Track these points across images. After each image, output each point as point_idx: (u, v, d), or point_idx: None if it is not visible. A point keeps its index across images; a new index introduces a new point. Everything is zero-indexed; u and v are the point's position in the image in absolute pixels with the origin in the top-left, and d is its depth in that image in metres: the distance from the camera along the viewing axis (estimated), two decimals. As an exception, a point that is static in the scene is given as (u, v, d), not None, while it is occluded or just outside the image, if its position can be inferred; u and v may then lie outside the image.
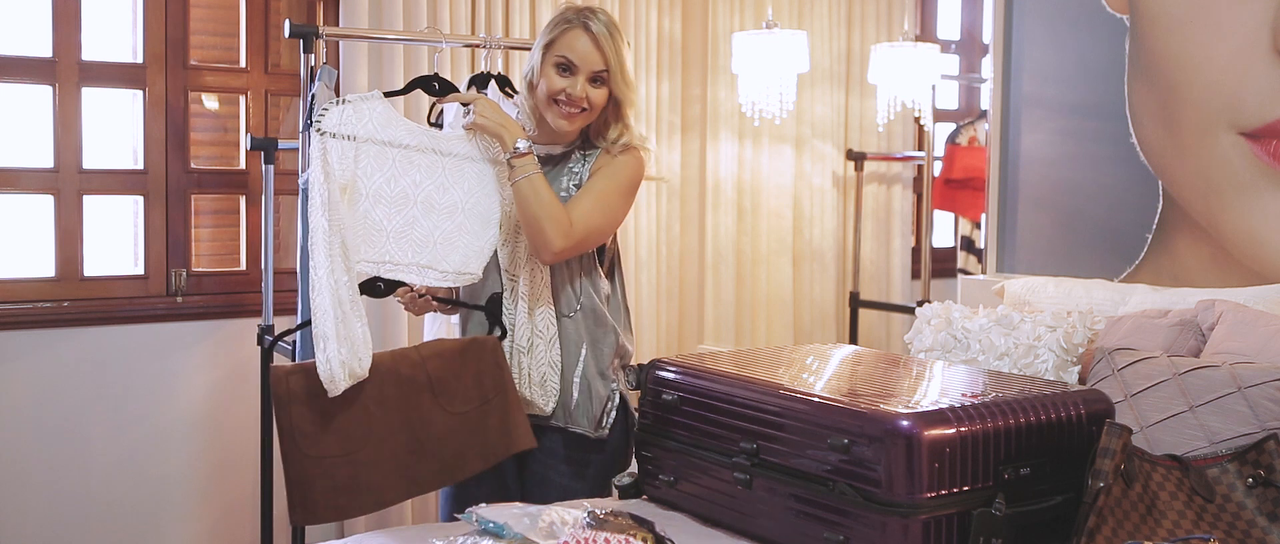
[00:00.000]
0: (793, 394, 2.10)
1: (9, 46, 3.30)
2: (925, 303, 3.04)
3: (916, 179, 4.60)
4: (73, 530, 3.33)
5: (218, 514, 3.54)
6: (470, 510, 1.97)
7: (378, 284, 2.44)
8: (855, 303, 4.51)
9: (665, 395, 2.34)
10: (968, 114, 4.91)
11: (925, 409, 1.94)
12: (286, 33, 2.92)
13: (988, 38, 3.74)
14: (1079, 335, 2.69)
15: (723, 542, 2.17)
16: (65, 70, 3.31)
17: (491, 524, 1.92)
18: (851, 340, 4.49)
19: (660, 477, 2.35)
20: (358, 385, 2.31)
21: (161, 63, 3.44)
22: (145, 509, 3.43)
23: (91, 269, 3.38)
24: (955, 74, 4.90)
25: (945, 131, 4.84)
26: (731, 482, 2.16)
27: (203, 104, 3.63)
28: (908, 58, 4.13)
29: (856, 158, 4.49)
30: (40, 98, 3.31)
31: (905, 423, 1.90)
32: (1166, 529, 1.94)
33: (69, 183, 3.33)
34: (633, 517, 1.97)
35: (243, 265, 3.60)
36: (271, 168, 3.27)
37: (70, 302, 3.33)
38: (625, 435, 2.58)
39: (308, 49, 2.93)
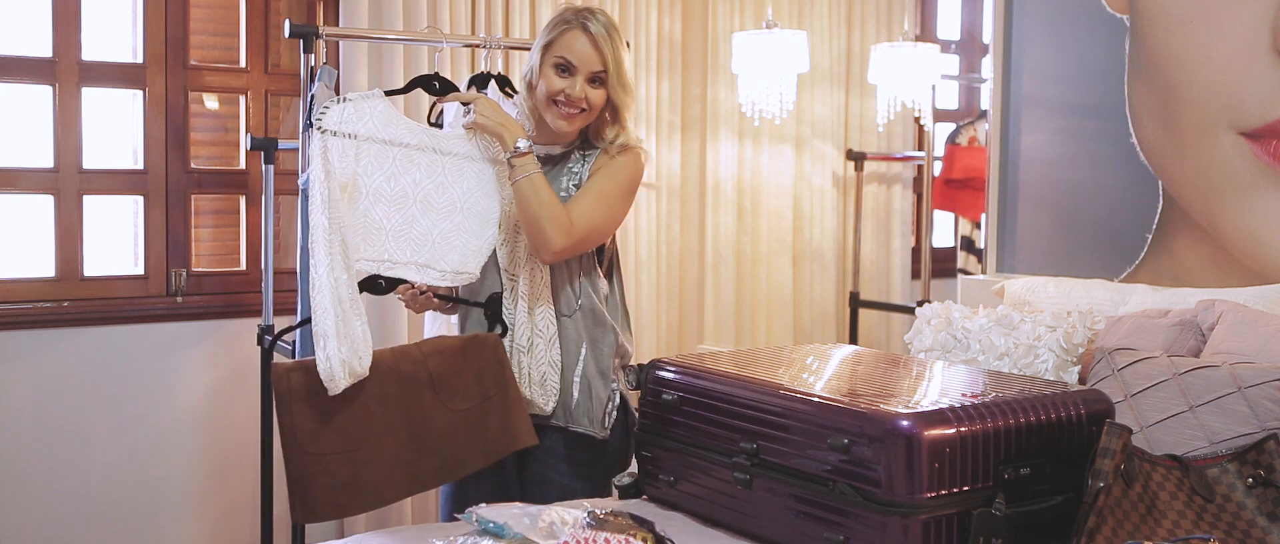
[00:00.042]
0: (793, 394, 2.10)
1: (9, 46, 3.30)
2: (925, 303, 3.04)
3: (916, 179, 4.60)
4: (73, 530, 3.33)
5: (218, 514, 3.54)
6: (470, 510, 1.97)
7: (379, 281, 2.44)
8: (855, 303, 4.51)
9: (665, 395, 2.34)
10: (968, 114, 4.91)
11: (925, 409, 1.94)
12: (286, 33, 2.92)
13: (988, 38, 3.74)
14: (1079, 335, 2.69)
15: (723, 542, 2.17)
16: (65, 70, 3.31)
17: (491, 524, 1.92)
18: (851, 340, 4.49)
19: (660, 477, 2.35)
20: (359, 383, 2.31)
21: (161, 63, 3.44)
22: (145, 509, 3.43)
23: (91, 269, 3.38)
24: (955, 74, 4.90)
25: (945, 131, 4.84)
26: (731, 482, 2.16)
27: (203, 104, 3.63)
28: (908, 58, 4.12)
29: (856, 158, 4.49)
30: (40, 98, 3.31)
31: (905, 423, 1.90)
32: (1166, 529, 1.94)
33: (69, 183, 3.33)
34: (633, 517, 1.97)
35: (243, 265, 3.60)
36: (271, 168, 3.27)
37: (70, 302, 3.33)
38: (625, 435, 2.58)
39: (308, 49, 2.93)
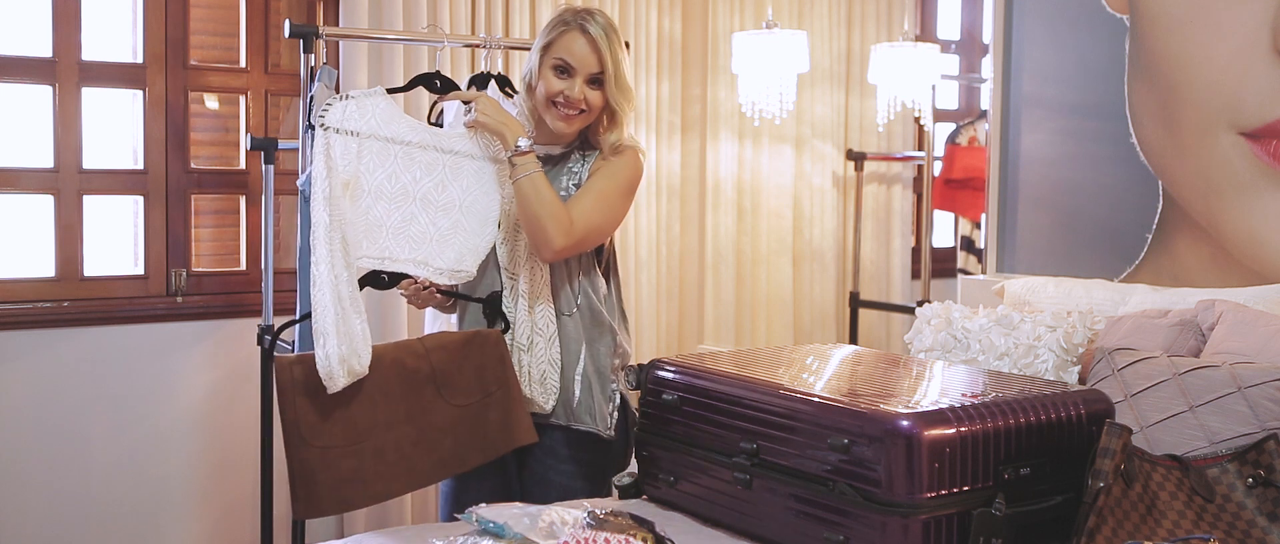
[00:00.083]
0: (793, 394, 2.10)
1: (9, 46, 3.30)
2: (925, 303, 3.04)
3: (916, 179, 4.60)
4: (73, 530, 3.33)
5: (218, 514, 3.54)
6: (470, 510, 1.97)
7: (381, 276, 2.44)
8: (855, 303, 4.51)
9: (665, 395, 2.34)
10: (968, 114, 4.91)
11: (925, 409, 1.94)
12: (286, 33, 2.92)
13: (988, 38, 3.74)
14: (1079, 335, 2.69)
15: (723, 542, 2.17)
16: (65, 70, 3.31)
17: (491, 524, 1.92)
18: (851, 340, 4.49)
19: (660, 477, 2.34)
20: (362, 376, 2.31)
21: (161, 63, 3.44)
22: (145, 509, 3.43)
23: (91, 269, 3.38)
24: (955, 74, 4.90)
25: (945, 131, 4.84)
26: (731, 482, 2.16)
27: (203, 104, 3.63)
28: (908, 58, 4.12)
29: (856, 158, 4.49)
30: (40, 98, 3.31)
31: (905, 423, 1.90)
32: (1166, 529, 1.94)
33: (69, 183, 3.33)
34: (633, 517, 1.97)
35: (243, 265, 3.60)
36: (271, 168, 3.27)
37: (70, 302, 3.33)
38: (625, 435, 2.58)
39: (308, 49, 2.93)
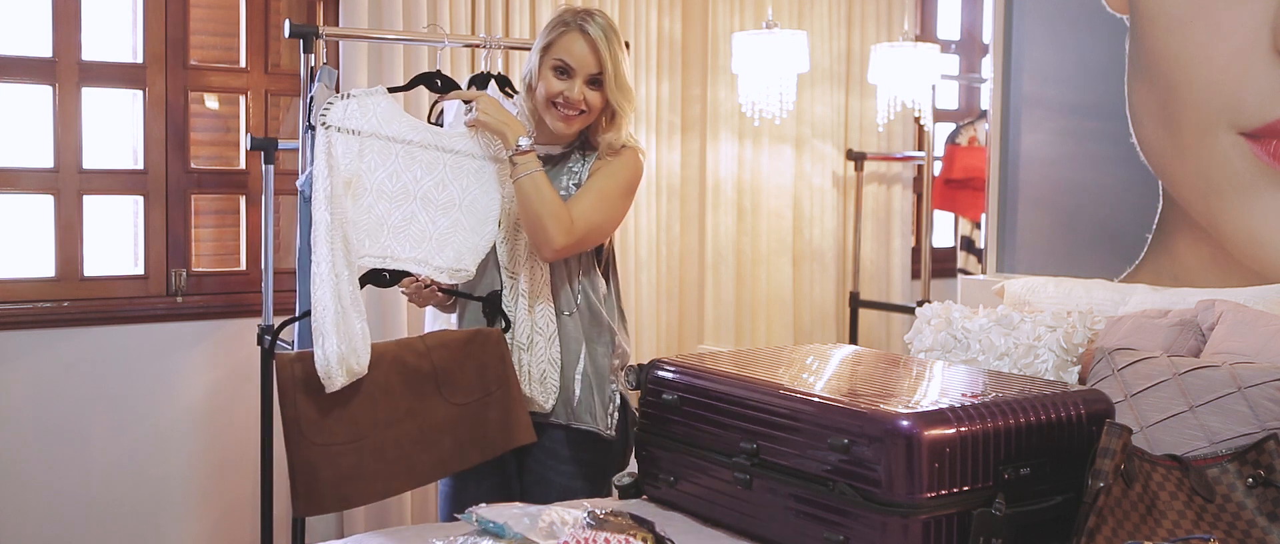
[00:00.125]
0: (793, 394, 2.10)
1: (9, 46, 3.30)
2: (925, 303, 3.04)
3: (916, 179, 4.60)
4: (73, 530, 3.33)
5: (218, 514, 3.54)
6: (470, 510, 1.97)
7: (383, 275, 2.44)
8: (855, 303, 4.51)
9: (665, 395, 2.34)
10: (968, 114, 4.91)
11: (925, 409, 1.94)
12: (286, 33, 2.92)
13: (988, 38, 3.74)
14: (1079, 335, 2.69)
15: (723, 542, 2.17)
16: (65, 70, 3.31)
17: (491, 524, 1.92)
18: (851, 340, 4.49)
19: (660, 477, 2.34)
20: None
21: (161, 63, 3.44)
22: (145, 509, 3.43)
23: (91, 269, 3.38)
24: (955, 74, 4.90)
25: (945, 131, 4.84)
26: (731, 482, 2.16)
27: (203, 104, 3.63)
28: (908, 58, 4.12)
29: (856, 158, 4.49)
30: (40, 98, 3.31)
31: (905, 423, 1.90)
32: (1166, 529, 1.94)
33: (69, 183, 3.33)
34: (633, 517, 1.97)
35: (243, 265, 3.60)
36: (271, 168, 3.27)
37: (70, 302, 3.33)
38: (625, 435, 2.58)
39: (308, 49, 2.94)
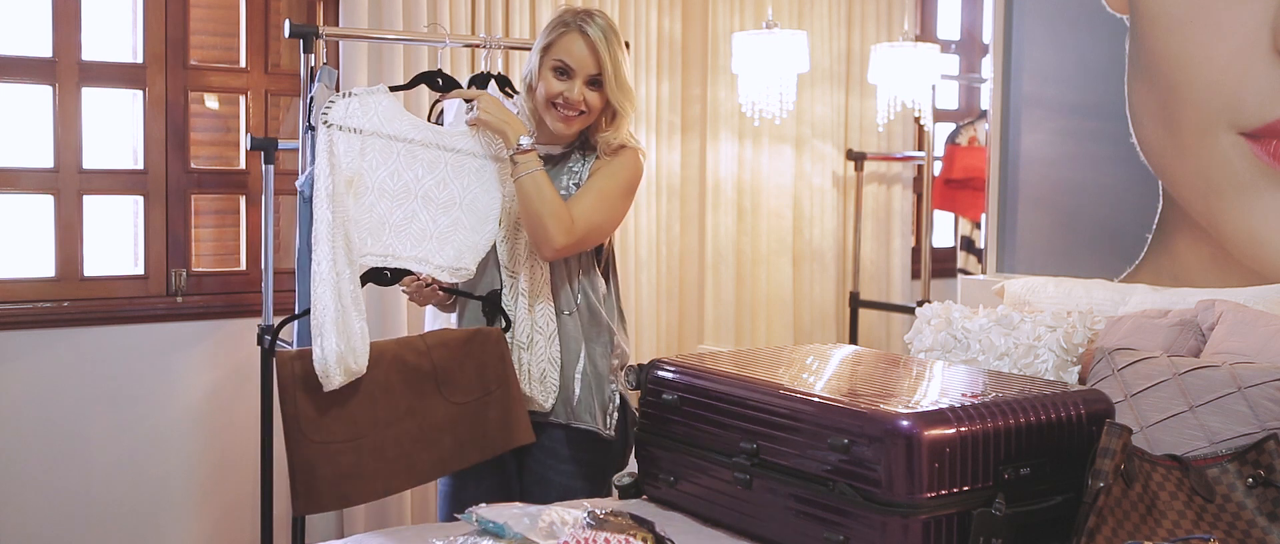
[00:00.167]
0: (793, 394, 2.10)
1: (9, 46, 3.30)
2: (925, 303, 3.04)
3: (916, 179, 4.60)
4: (73, 530, 3.33)
5: (218, 514, 3.55)
6: (470, 510, 1.97)
7: (384, 273, 2.44)
8: (855, 303, 4.51)
9: (665, 395, 2.34)
10: (968, 114, 4.91)
11: (925, 409, 1.94)
12: (286, 33, 2.92)
13: (988, 38, 3.74)
14: (1079, 335, 2.69)
15: (723, 542, 2.17)
16: (65, 70, 3.31)
17: (491, 524, 1.92)
18: (851, 340, 4.49)
19: (660, 477, 2.35)
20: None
21: (161, 63, 3.44)
22: (145, 509, 3.43)
23: (91, 269, 3.38)
24: (955, 74, 4.90)
25: (945, 131, 4.84)
26: (731, 482, 2.16)
27: (203, 104, 3.63)
28: (908, 58, 4.12)
29: (856, 158, 4.49)
30: (40, 98, 3.31)
31: (905, 423, 1.90)
32: (1166, 529, 1.94)
33: (69, 183, 3.33)
34: (633, 517, 1.97)
35: (243, 265, 3.60)
36: (271, 168, 3.27)
37: (70, 302, 3.33)
38: (625, 435, 2.58)
39: (308, 49, 2.94)
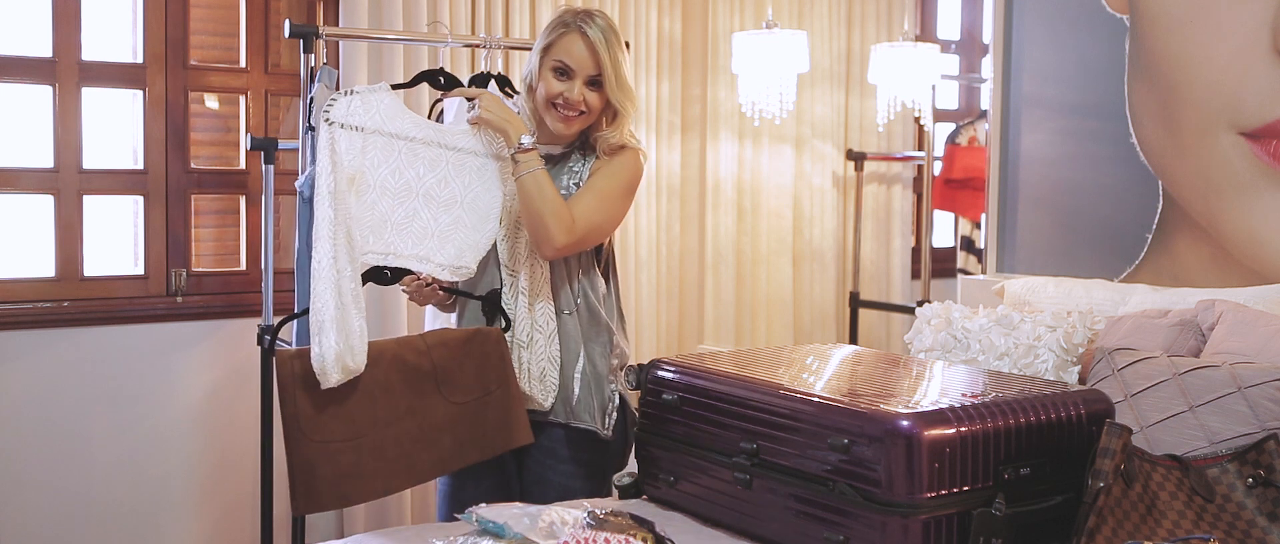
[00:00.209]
0: (793, 394, 2.10)
1: (9, 46, 3.30)
2: (925, 303, 3.04)
3: (916, 179, 4.60)
4: (73, 530, 3.33)
5: (218, 514, 3.55)
6: (470, 510, 1.97)
7: (384, 272, 2.44)
8: (855, 303, 4.51)
9: (665, 395, 2.34)
10: (968, 114, 4.91)
11: (925, 409, 1.94)
12: (286, 33, 2.92)
13: (988, 38, 3.74)
14: (1079, 335, 2.69)
15: (723, 542, 2.17)
16: (65, 70, 3.31)
17: (491, 524, 1.92)
18: (851, 340, 4.49)
19: (660, 477, 2.35)
20: (363, 370, 2.31)
21: (161, 63, 3.44)
22: (145, 509, 3.43)
23: (91, 269, 3.38)
24: (955, 74, 4.90)
25: (945, 131, 4.84)
26: (731, 482, 2.16)
27: (203, 104, 3.63)
28: (908, 58, 4.12)
29: (856, 158, 4.49)
30: (40, 98, 3.31)
31: (905, 423, 1.90)
32: (1166, 529, 1.94)
33: (69, 183, 3.33)
34: (633, 517, 1.97)
35: (243, 265, 3.60)
36: (271, 168, 3.27)
37: (70, 302, 3.33)
38: (625, 435, 2.58)
39: (308, 49, 2.94)
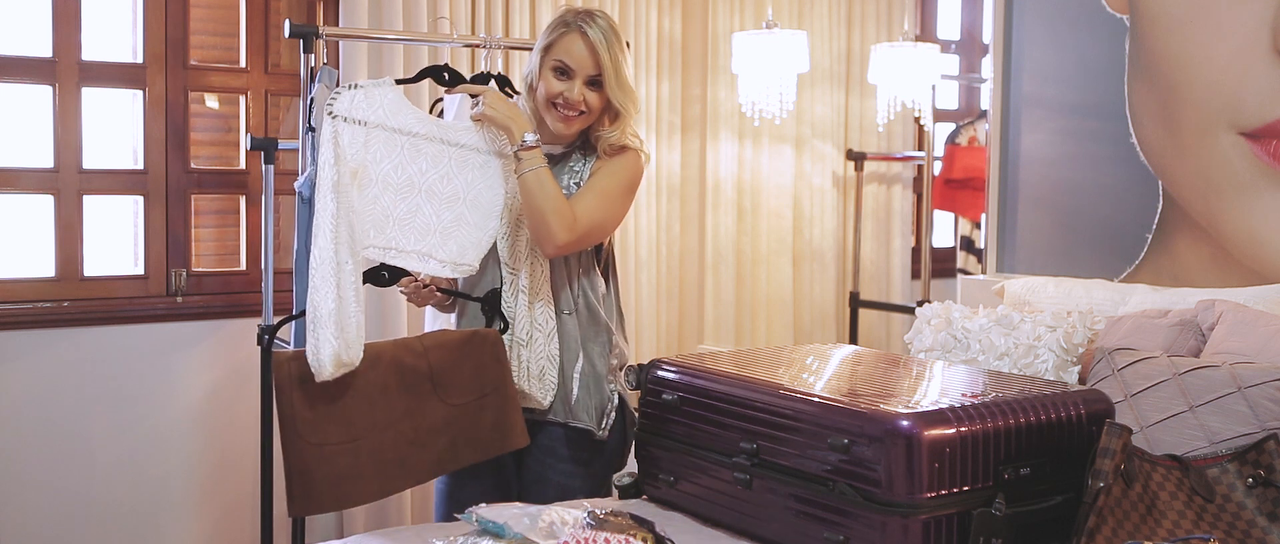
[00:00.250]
0: (793, 394, 2.10)
1: (9, 46, 3.30)
2: (925, 303, 3.04)
3: (916, 179, 4.60)
4: (73, 530, 3.33)
5: (218, 514, 3.54)
6: (470, 510, 1.98)
7: (382, 273, 2.44)
8: (855, 303, 4.51)
9: (665, 395, 2.34)
10: (968, 114, 4.91)
11: (925, 409, 1.94)
12: (286, 33, 2.92)
13: (988, 38, 3.74)
14: (1079, 335, 2.69)
15: (723, 542, 2.17)
16: (65, 70, 3.31)
17: (491, 524, 1.92)
18: (851, 340, 4.49)
19: (660, 477, 2.35)
20: (361, 373, 2.31)
21: (161, 63, 3.44)
22: (145, 509, 3.43)
23: (91, 269, 3.38)
24: (955, 74, 4.90)
25: (945, 131, 4.84)
26: (731, 482, 2.16)
27: (203, 104, 3.63)
28: (908, 58, 4.12)
29: (856, 158, 4.49)
30: (40, 98, 3.31)
31: (905, 423, 1.90)
32: (1166, 529, 1.94)
33: (69, 183, 3.33)
34: (633, 517, 1.97)
35: (243, 265, 3.60)
36: (271, 168, 3.26)
37: (70, 302, 3.33)
38: (624, 435, 2.58)
39: (308, 49, 2.94)
